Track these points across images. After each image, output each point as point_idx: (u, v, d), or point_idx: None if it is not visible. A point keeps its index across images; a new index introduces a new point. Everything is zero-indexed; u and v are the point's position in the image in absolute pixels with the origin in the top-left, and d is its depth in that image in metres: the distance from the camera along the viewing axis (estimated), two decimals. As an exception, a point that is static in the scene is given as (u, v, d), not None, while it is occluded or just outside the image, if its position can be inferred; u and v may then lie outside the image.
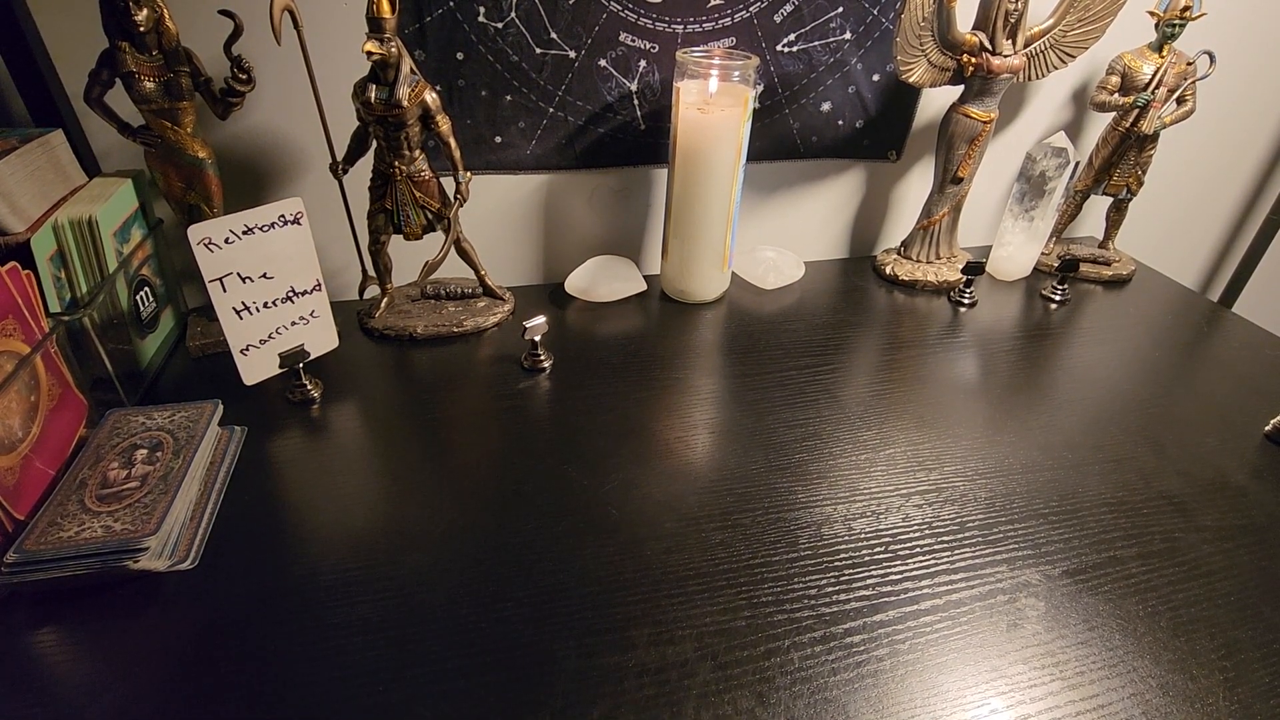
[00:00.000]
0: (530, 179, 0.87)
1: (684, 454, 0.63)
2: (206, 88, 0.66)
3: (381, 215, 0.75)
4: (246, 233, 0.62)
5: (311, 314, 0.70)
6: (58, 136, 0.66)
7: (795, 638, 0.47)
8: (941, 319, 0.87)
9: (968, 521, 0.57)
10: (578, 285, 0.87)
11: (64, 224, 0.62)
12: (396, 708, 0.42)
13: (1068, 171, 0.86)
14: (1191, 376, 0.79)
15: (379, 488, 0.60)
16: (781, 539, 0.55)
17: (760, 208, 0.96)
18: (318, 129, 0.69)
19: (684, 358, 0.78)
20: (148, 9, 0.60)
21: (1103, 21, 0.82)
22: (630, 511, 0.57)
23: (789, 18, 0.82)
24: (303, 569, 0.51)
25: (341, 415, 0.68)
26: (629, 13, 0.78)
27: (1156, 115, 0.87)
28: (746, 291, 0.92)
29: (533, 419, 0.68)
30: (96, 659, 0.45)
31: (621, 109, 0.84)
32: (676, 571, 0.52)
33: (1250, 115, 1.07)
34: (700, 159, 0.77)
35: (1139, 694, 0.45)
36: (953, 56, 0.81)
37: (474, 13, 0.74)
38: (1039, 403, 0.72)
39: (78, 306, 0.62)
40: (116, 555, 0.47)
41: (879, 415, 0.69)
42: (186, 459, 0.55)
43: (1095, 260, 0.97)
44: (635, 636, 0.47)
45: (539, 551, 0.53)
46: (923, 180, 0.98)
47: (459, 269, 0.82)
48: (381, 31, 0.63)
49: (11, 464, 0.50)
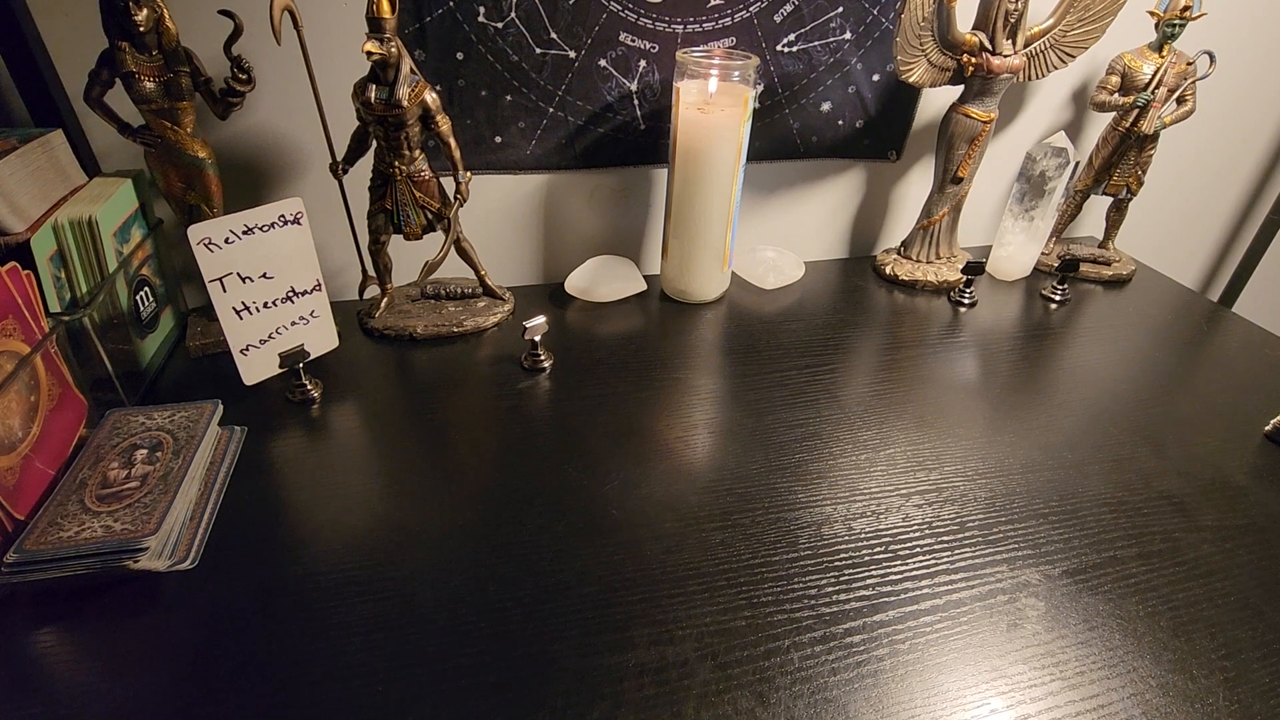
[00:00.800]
0: (530, 179, 0.87)
1: (684, 454, 0.63)
2: (206, 88, 0.66)
3: (381, 215, 0.75)
4: (246, 233, 0.62)
5: (311, 314, 0.70)
6: (58, 136, 0.66)
7: (795, 638, 0.47)
8: (941, 319, 0.87)
9: (968, 521, 0.57)
10: (578, 285, 0.87)
11: (64, 224, 0.62)
12: (396, 708, 0.42)
13: (1068, 171, 0.86)
14: (1191, 376, 0.79)
15: (379, 487, 0.60)
16: (781, 539, 0.55)
17: (760, 208, 0.96)
18: (318, 129, 0.69)
19: (684, 358, 0.78)
20: (148, 9, 0.60)
21: (1103, 21, 0.82)
22: (630, 511, 0.57)
23: (789, 18, 0.82)
24: (303, 569, 0.51)
25: (341, 415, 0.68)
26: (629, 13, 0.78)
27: (1156, 115, 0.87)
28: (746, 291, 0.92)
29: (533, 419, 0.68)
30: (96, 659, 0.45)
31: (621, 109, 0.84)
32: (676, 571, 0.52)
33: (1250, 115, 1.07)
34: (700, 159, 0.77)
35: (1139, 694, 0.45)
36: (953, 56, 0.81)
37: (474, 13, 0.74)
38: (1039, 403, 0.72)
39: (78, 306, 0.62)
40: (116, 555, 0.47)
41: (879, 415, 0.69)
42: (186, 459, 0.55)
43: (1095, 260, 0.97)
44: (635, 636, 0.47)
45: (539, 551, 0.53)
46: (923, 180, 0.98)
47: (459, 269, 0.82)
48: (381, 31, 0.63)
49: (11, 464, 0.50)
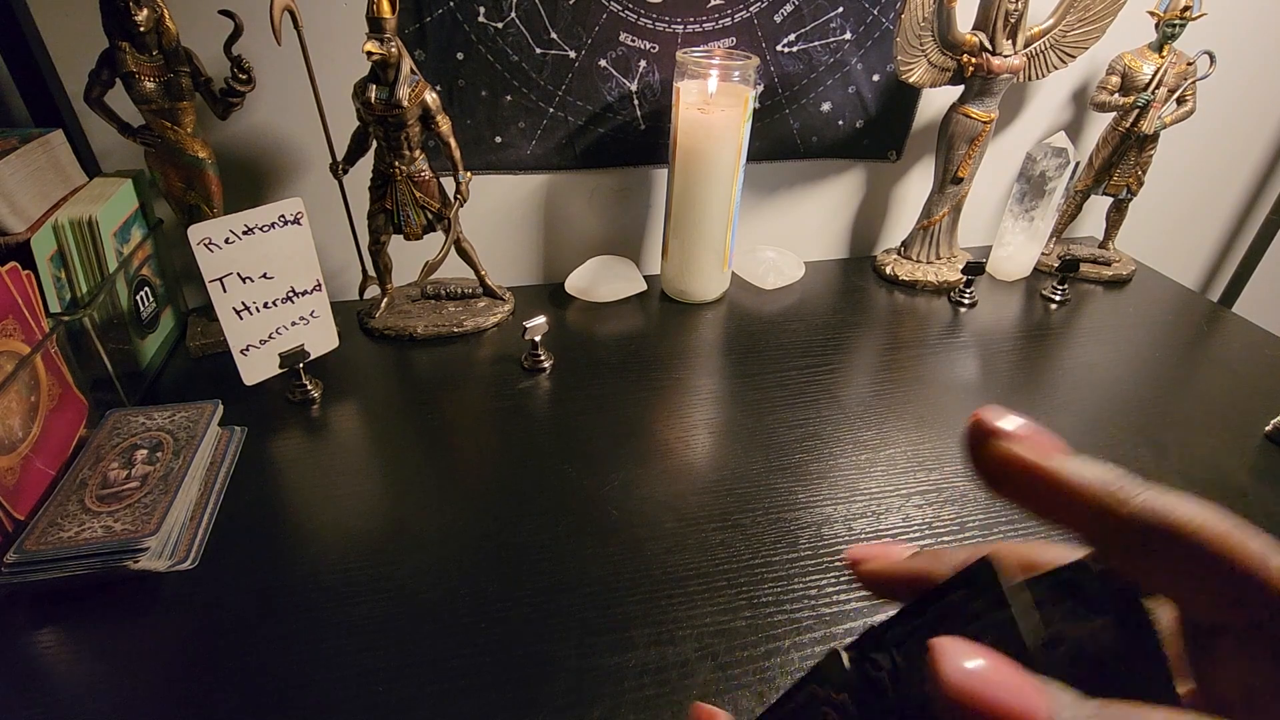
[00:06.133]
0: (530, 179, 0.87)
1: (684, 454, 0.63)
2: (206, 88, 0.66)
3: (381, 215, 0.75)
4: (246, 233, 0.62)
5: (311, 314, 0.70)
6: (58, 136, 0.66)
7: (795, 638, 0.47)
8: (941, 319, 0.87)
9: (968, 521, 0.57)
10: (578, 285, 0.87)
11: (64, 224, 0.62)
12: (396, 708, 0.42)
13: (1068, 171, 0.86)
14: (1191, 376, 0.79)
15: (379, 488, 0.60)
16: (782, 539, 0.55)
17: (760, 208, 0.96)
18: (318, 129, 0.69)
19: (684, 358, 0.78)
20: (148, 9, 0.60)
21: (1103, 21, 0.82)
22: (630, 511, 0.57)
23: (789, 18, 0.82)
24: (303, 569, 0.51)
25: (341, 415, 0.68)
26: (629, 13, 0.78)
27: (1156, 115, 0.87)
28: (746, 291, 0.92)
29: (533, 419, 0.68)
30: (96, 659, 0.45)
31: (621, 109, 0.84)
32: (677, 571, 0.52)
33: (1250, 115, 1.07)
34: (700, 159, 0.77)
35: (1139, 694, 0.45)
36: (953, 56, 0.81)
37: (474, 13, 0.74)
38: (1039, 403, 0.72)
39: (78, 306, 0.62)
40: (116, 555, 0.47)
41: (879, 415, 0.69)
42: (186, 459, 0.55)
43: (1095, 260, 0.97)
44: (635, 636, 0.47)
45: (539, 551, 0.53)
46: (923, 180, 0.98)
47: (459, 269, 0.82)
48: (381, 31, 0.63)
49: (11, 464, 0.50)
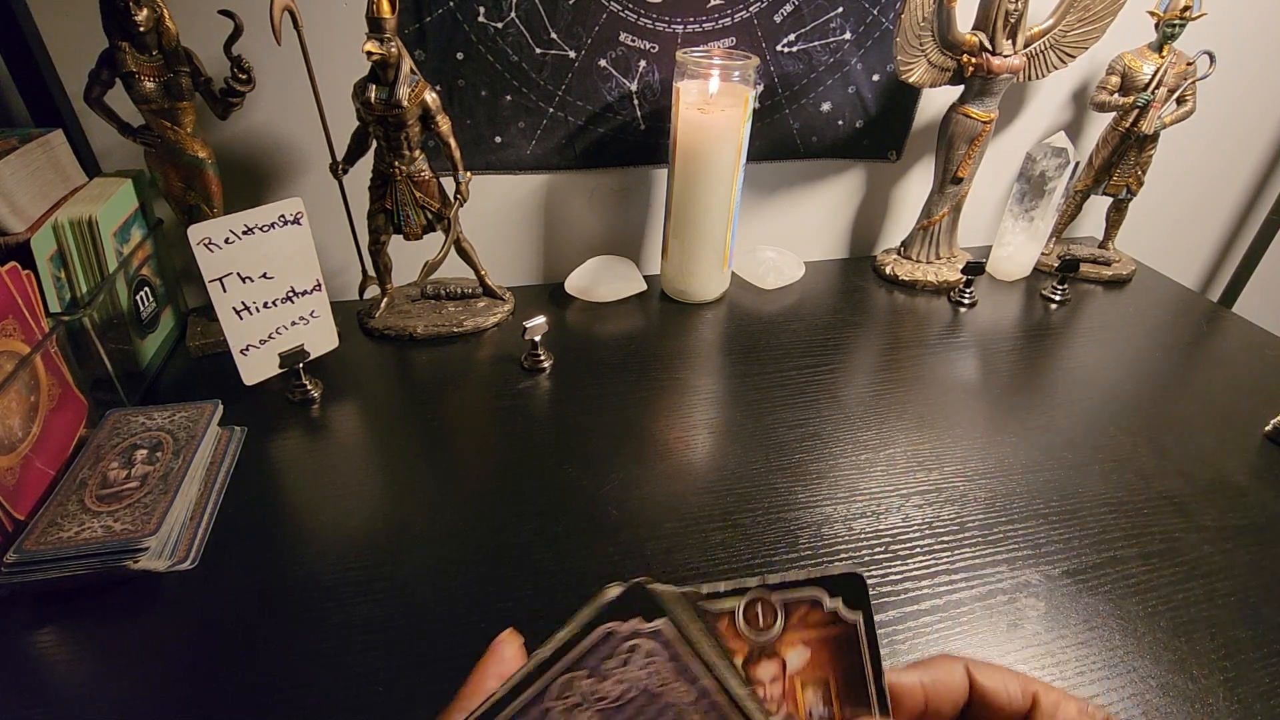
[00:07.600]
0: (530, 179, 0.87)
1: (684, 454, 0.63)
2: (206, 88, 0.66)
3: (381, 215, 0.75)
4: (246, 233, 0.62)
5: (311, 314, 0.70)
6: (58, 136, 0.66)
7: (795, 638, 0.47)
8: (941, 319, 0.87)
9: (968, 521, 0.57)
10: (578, 285, 0.87)
11: (64, 224, 0.62)
12: (396, 708, 0.42)
13: (1068, 171, 0.86)
14: (1191, 376, 0.79)
15: (379, 488, 0.60)
16: (781, 539, 0.55)
17: (760, 208, 0.96)
18: (318, 129, 0.69)
19: (684, 358, 0.78)
20: (148, 9, 0.60)
21: (1103, 21, 0.82)
22: (630, 511, 0.57)
23: (789, 18, 0.82)
24: (303, 569, 0.51)
25: (341, 415, 0.68)
26: (629, 13, 0.78)
27: (1156, 115, 0.87)
28: (746, 291, 0.92)
29: (533, 419, 0.68)
30: (96, 659, 0.45)
31: (621, 109, 0.84)
32: (677, 571, 0.52)
33: (1250, 115, 1.07)
34: (700, 159, 0.77)
35: (1139, 694, 0.45)
36: (953, 56, 0.81)
37: (474, 13, 0.74)
38: (1039, 403, 0.72)
39: (78, 306, 0.62)
40: (116, 555, 0.47)
41: (879, 415, 0.69)
42: (186, 459, 0.55)
43: (1095, 260, 0.97)
44: (635, 636, 0.47)
45: (539, 551, 0.53)
46: (923, 180, 0.98)
47: (459, 269, 0.82)
48: (381, 31, 0.63)
49: (11, 464, 0.50)
